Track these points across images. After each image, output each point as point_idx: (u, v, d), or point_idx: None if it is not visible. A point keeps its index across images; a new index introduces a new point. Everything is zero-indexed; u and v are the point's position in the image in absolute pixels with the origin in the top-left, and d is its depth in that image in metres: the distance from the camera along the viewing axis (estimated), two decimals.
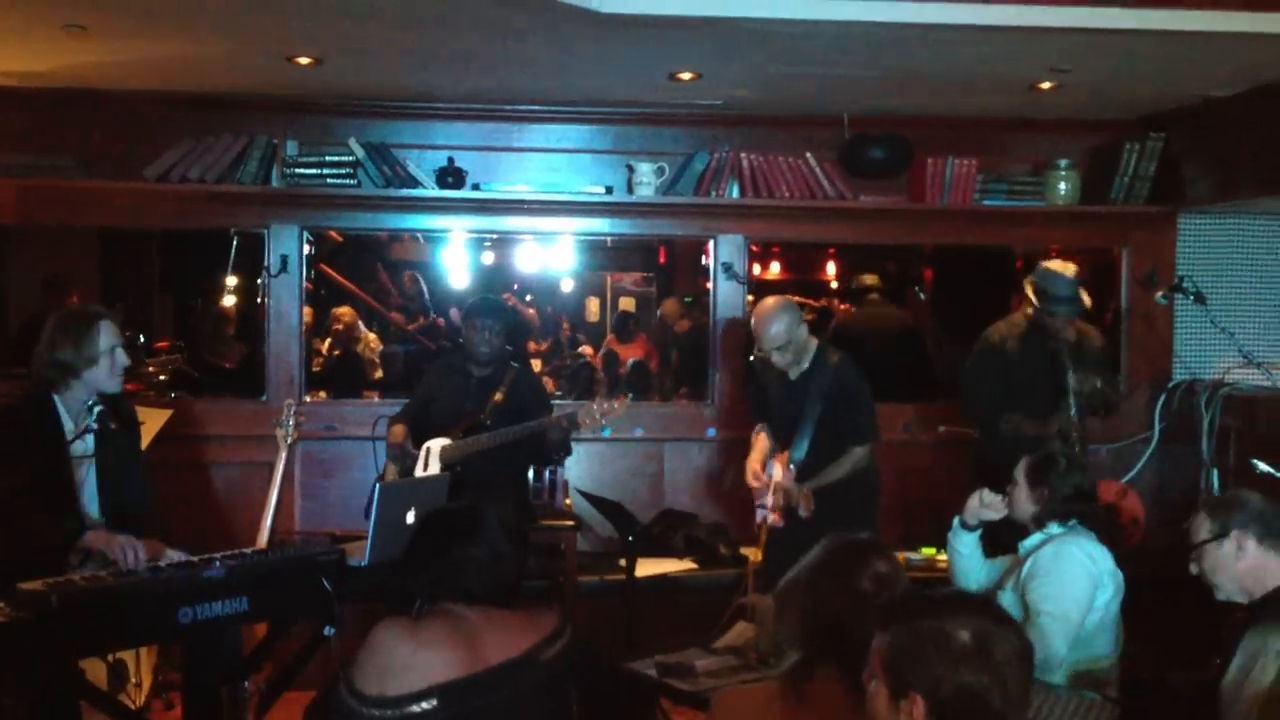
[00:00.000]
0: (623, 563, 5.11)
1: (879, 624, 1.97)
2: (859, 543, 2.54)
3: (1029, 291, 4.94)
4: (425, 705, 2.51)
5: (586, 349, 9.27)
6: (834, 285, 11.08)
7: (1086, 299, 4.98)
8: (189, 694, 3.62)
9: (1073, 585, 3.31)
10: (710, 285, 6.30)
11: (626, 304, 11.08)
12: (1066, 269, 4.93)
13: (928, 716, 1.86)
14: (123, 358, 3.72)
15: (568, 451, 5.12)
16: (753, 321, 4.64)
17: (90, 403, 3.62)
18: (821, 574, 2.48)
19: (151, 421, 5.01)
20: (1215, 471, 5.36)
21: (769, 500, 4.55)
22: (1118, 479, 5.67)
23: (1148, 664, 3.61)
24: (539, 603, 2.83)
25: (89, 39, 4.61)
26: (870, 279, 7.30)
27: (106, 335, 3.68)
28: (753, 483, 4.64)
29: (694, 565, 5.67)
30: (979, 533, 3.62)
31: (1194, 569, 3.03)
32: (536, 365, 8.22)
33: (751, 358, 5.00)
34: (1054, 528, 3.45)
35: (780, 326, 4.52)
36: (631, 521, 4.95)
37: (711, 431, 6.07)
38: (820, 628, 2.41)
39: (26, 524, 3.47)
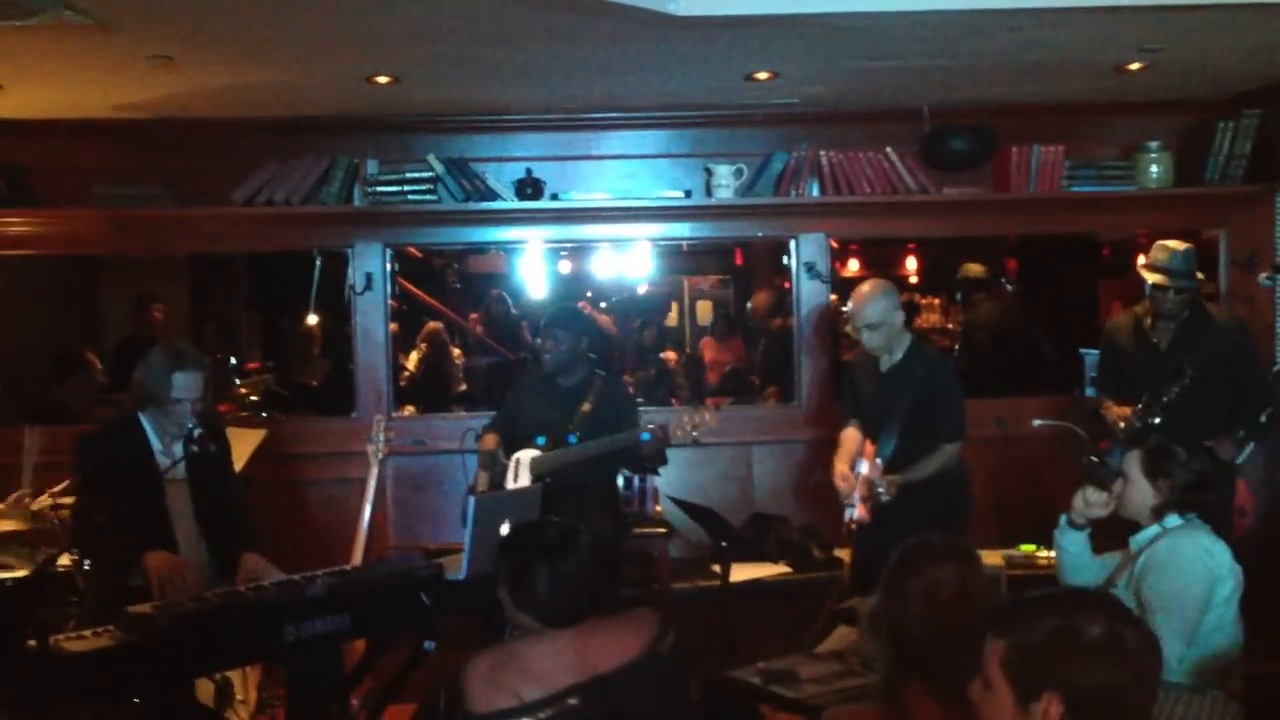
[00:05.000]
0: (716, 568, 5.07)
1: (992, 630, 1.92)
2: (915, 546, 2.59)
3: (1141, 272, 4.84)
4: (572, 701, 2.52)
5: (668, 353, 9.23)
6: (913, 280, 10.96)
7: (1193, 273, 4.86)
8: (294, 712, 3.65)
9: (1190, 581, 3.20)
10: (791, 285, 6.24)
11: (704, 308, 11.02)
12: (1176, 244, 4.84)
13: (1064, 717, 1.82)
14: (185, 409, 3.72)
15: (663, 461, 5.07)
16: (850, 300, 4.60)
17: (190, 425, 3.68)
18: (884, 584, 2.57)
19: (247, 441, 5.10)
20: None
21: (857, 495, 4.49)
22: None
23: (1263, 657, 3.49)
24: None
25: (173, 70, 4.70)
26: (977, 269, 7.29)
27: (181, 387, 3.71)
28: (840, 484, 4.58)
29: (787, 569, 5.60)
30: (1088, 531, 3.52)
31: None
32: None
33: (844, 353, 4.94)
34: (1171, 520, 3.34)
35: (877, 307, 4.48)
36: (724, 526, 4.91)
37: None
38: (890, 644, 2.49)
39: (108, 546, 3.55)
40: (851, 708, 2.63)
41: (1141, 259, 5.13)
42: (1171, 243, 4.88)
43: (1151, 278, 4.81)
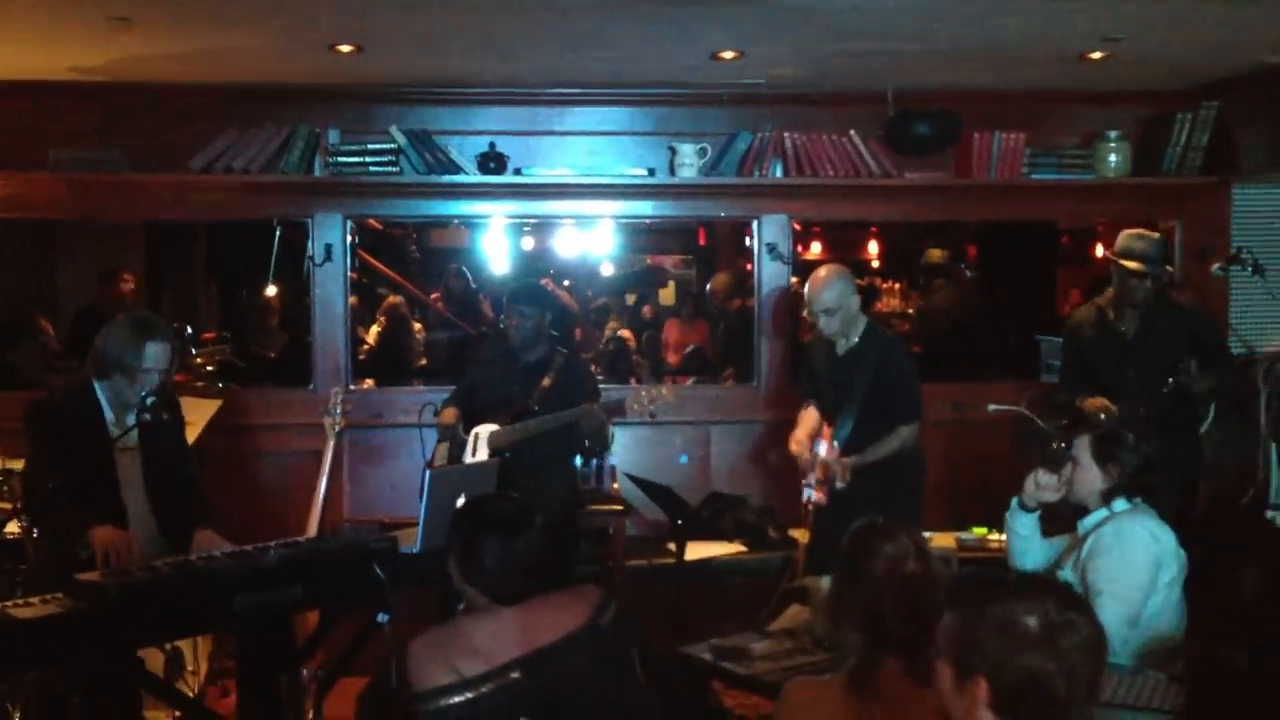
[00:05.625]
0: (672, 546, 5.09)
1: (946, 605, 1.96)
2: (864, 531, 2.63)
3: (1117, 261, 4.83)
4: (514, 675, 2.53)
5: (623, 331, 9.23)
6: (875, 264, 11.01)
7: (1164, 261, 4.91)
8: (245, 682, 3.62)
9: (1135, 564, 3.24)
10: (753, 266, 6.25)
11: (666, 293, 11.02)
12: (1149, 232, 4.88)
13: (990, 698, 1.86)
14: (154, 380, 3.70)
15: (604, 445, 5.07)
16: (807, 285, 4.61)
17: (144, 393, 3.64)
18: (841, 573, 2.61)
19: (201, 412, 5.05)
20: (1274, 445, 5.25)
21: (813, 478, 4.52)
22: None
23: (1207, 640, 3.54)
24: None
25: (133, 31, 4.63)
26: (938, 254, 7.34)
27: (151, 357, 3.68)
28: (794, 448, 4.61)
29: (743, 548, 5.65)
30: (1038, 514, 3.57)
31: None
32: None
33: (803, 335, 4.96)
34: (1119, 504, 3.39)
35: (833, 292, 4.50)
36: (681, 505, 4.93)
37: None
38: (861, 622, 2.50)
39: (57, 517, 3.51)
40: (814, 679, 2.65)
41: (1106, 248, 5.14)
42: (1144, 231, 4.88)
43: (1130, 265, 4.78)
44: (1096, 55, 5.17)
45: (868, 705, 2.33)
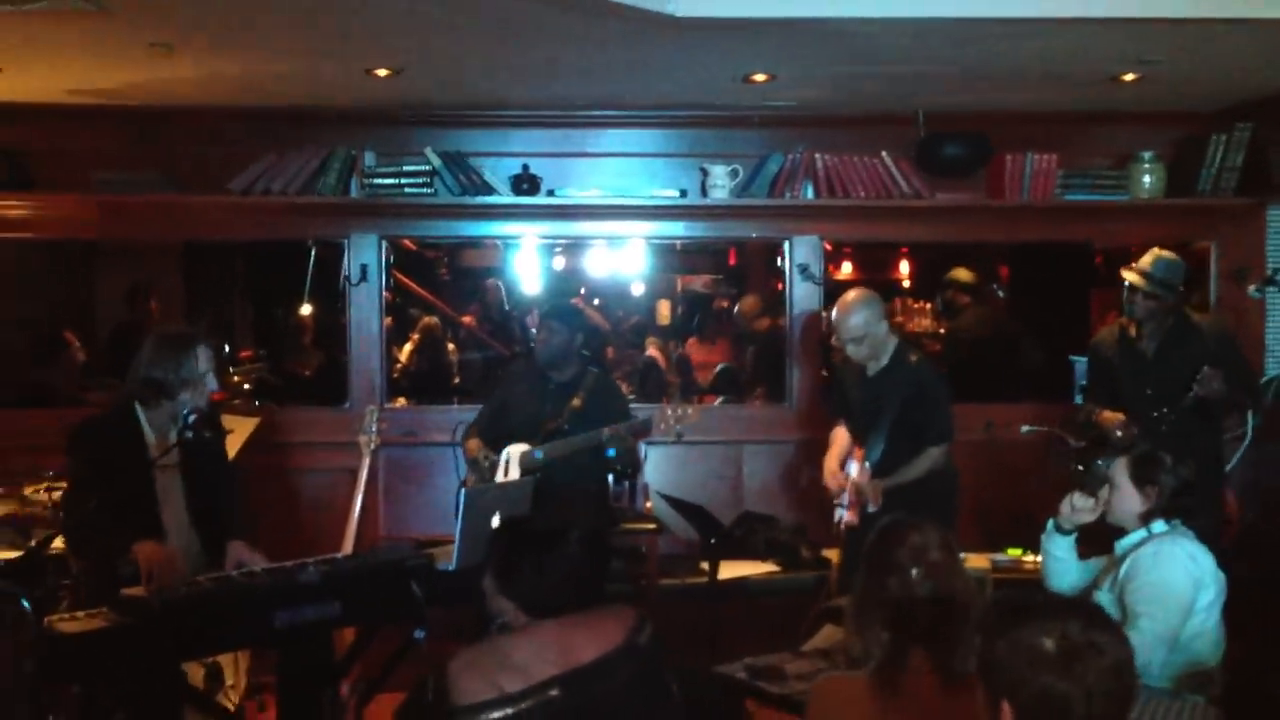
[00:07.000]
0: (704, 566, 5.10)
1: (978, 628, 1.97)
2: (890, 525, 2.69)
3: (1121, 271, 4.87)
4: (553, 692, 2.53)
5: (653, 350, 9.24)
6: (906, 284, 10.98)
7: (1172, 285, 4.84)
8: (285, 697, 3.67)
9: (1173, 587, 3.23)
10: (784, 286, 6.27)
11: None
12: (1166, 253, 4.83)
13: None
14: (213, 382, 3.78)
15: (635, 466, 5.08)
16: (834, 312, 4.62)
17: (186, 411, 3.69)
18: (867, 565, 2.65)
19: (240, 430, 5.11)
20: None
21: (846, 499, 4.53)
22: None
23: (1246, 664, 3.51)
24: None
25: (173, 58, 4.72)
26: (963, 275, 7.32)
27: (204, 360, 3.74)
28: (830, 482, 4.62)
29: (775, 568, 5.65)
30: (1074, 536, 3.56)
31: None
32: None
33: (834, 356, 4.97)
34: (1157, 526, 3.38)
35: (859, 319, 4.50)
36: (714, 524, 4.94)
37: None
38: (888, 617, 2.53)
39: (97, 537, 3.56)
40: (842, 677, 2.66)
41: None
42: (1163, 252, 4.86)
43: (1127, 276, 4.81)
44: (1129, 77, 5.17)
45: (894, 701, 2.35)
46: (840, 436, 4.75)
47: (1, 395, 6.09)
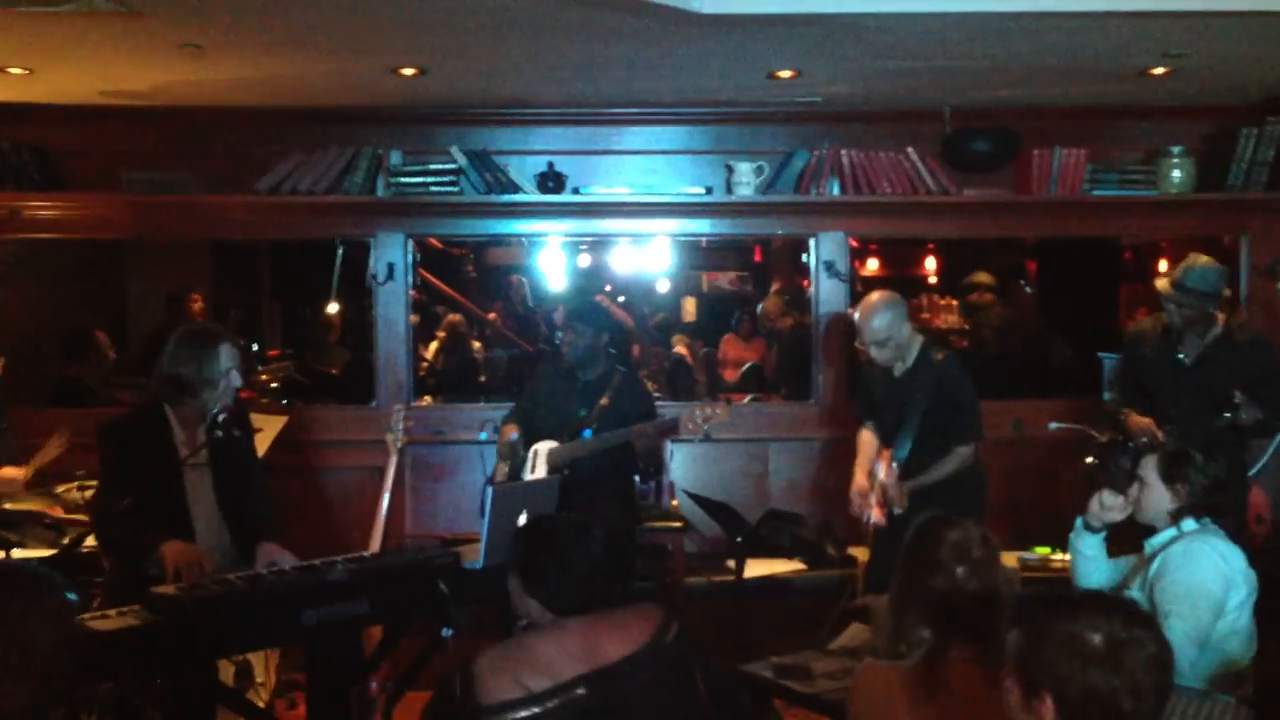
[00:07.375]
0: (730, 564, 5.10)
1: (1013, 622, 1.97)
2: (929, 522, 2.70)
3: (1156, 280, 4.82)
4: (580, 691, 2.54)
5: (681, 348, 9.25)
6: (932, 280, 10.94)
7: (1206, 294, 4.73)
8: (314, 695, 3.69)
9: (1204, 586, 3.20)
10: (809, 283, 6.26)
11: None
12: (1202, 261, 4.66)
13: (1057, 716, 1.87)
14: (237, 379, 3.80)
15: (659, 465, 5.07)
16: (856, 314, 4.60)
17: (215, 410, 3.72)
18: (907, 562, 2.66)
19: (269, 428, 5.15)
20: None
21: (873, 498, 4.51)
22: None
23: (1277, 663, 3.49)
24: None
25: (203, 58, 4.76)
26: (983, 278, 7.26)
27: (226, 358, 3.76)
28: (857, 500, 4.58)
29: (802, 566, 5.63)
30: (1104, 534, 3.53)
31: None
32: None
33: (859, 358, 4.95)
34: (1187, 524, 3.35)
35: (882, 322, 4.47)
36: (740, 522, 4.94)
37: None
38: (930, 610, 2.54)
39: (127, 537, 3.59)
40: (885, 666, 2.65)
41: (1170, 264, 5.06)
42: (1197, 261, 4.67)
43: (1158, 285, 4.73)
44: (1159, 71, 5.13)
45: (938, 694, 2.35)
46: (866, 442, 4.72)
47: (33, 394, 6.15)
